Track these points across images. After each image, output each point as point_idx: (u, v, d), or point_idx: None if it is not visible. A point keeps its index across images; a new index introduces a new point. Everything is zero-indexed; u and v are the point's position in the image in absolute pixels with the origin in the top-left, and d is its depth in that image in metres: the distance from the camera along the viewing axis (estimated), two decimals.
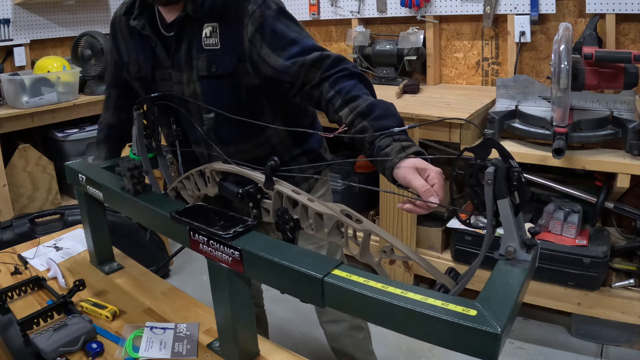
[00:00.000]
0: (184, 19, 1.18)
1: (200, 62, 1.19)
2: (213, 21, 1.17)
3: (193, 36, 1.20)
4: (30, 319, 1.07)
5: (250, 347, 0.99)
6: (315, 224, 0.86)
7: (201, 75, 1.20)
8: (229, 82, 1.20)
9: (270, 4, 1.16)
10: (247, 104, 1.23)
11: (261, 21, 1.14)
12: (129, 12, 1.27)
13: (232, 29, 1.17)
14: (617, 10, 2.10)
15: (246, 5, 1.15)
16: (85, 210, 1.28)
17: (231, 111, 1.09)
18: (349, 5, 2.88)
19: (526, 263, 0.71)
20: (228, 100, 1.21)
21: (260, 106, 1.26)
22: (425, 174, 0.88)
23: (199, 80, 1.21)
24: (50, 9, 3.12)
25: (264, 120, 1.26)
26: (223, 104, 1.17)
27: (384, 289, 0.69)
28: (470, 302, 0.65)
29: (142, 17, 1.24)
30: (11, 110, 2.54)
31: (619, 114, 1.92)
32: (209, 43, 1.18)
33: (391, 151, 0.93)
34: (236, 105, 1.21)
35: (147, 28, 1.23)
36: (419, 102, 2.33)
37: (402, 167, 0.90)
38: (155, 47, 1.25)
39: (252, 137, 1.28)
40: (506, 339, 0.62)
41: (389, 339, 2.13)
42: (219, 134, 1.26)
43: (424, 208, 0.86)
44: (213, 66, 1.18)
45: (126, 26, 1.30)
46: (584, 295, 1.96)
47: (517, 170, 0.69)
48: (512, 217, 0.70)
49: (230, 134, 1.27)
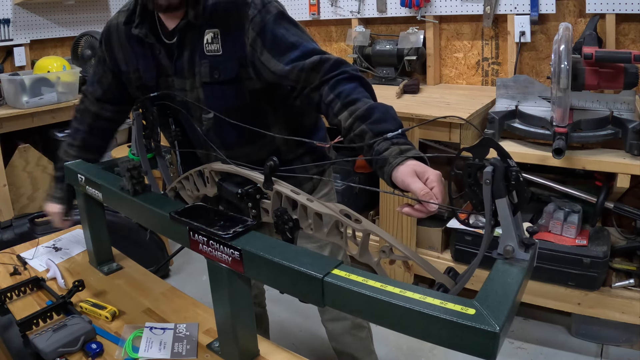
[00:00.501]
0: (185, 26, 1.18)
1: (203, 68, 1.19)
2: (214, 27, 1.17)
3: (195, 43, 1.20)
4: (30, 320, 1.07)
5: (250, 347, 0.99)
6: (315, 224, 0.86)
7: (204, 82, 1.20)
8: (232, 87, 1.20)
9: (270, 9, 1.16)
10: (250, 108, 1.23)
11: (262, 26, 1.14)
12: (129, 21, 1.26)
13: (234, 34, 1.17)
14: (617, 10, 2.10)
15: (246, 10, 1.15)
16: (85, 210, 1.28)
17: (234, 115, 1.08)
18: (349, 5, 2.88)
19: (524, 262, 0.71)
20: (231, 104, 1.21)
21: (263, 109, 1.26)
22: (424, 178, 0.87)
23: (202, 86, 1.21)
24: (50, 9, 3.13)
25: (267, 122, 1.26)
26: (226, 108, 1.17)
27: (383, 288, 0.69)
28: (468, 301, 0.65)
29: (144, 26, 1.23)
30: (11, 110, 2.54)
31: (619, 114, 1.92)
32: (211, 49, 1.18)
33: (390, 154, 0.92)
34: (239, 109, 1.21)
35: (150, 36, 1.23)
36: (419, 102, 2.33)
37: (400, 170, 0.89)
38: (159, 54, 1.24)
39: (256, 140, 1.28)
40: (505, 338, 0.62)
41: (389, 339, 2.13)
42: (222, 138, 1.26)
43: (423, 212, 0.85)
44: (216, 72, 1.18)
45: (125, 35, 1.28)
46: (584, 295, 1.96)
47: (515, 169, 0.69)
48: (511, 216, 0.70)
49: (234, 137, 1.27)
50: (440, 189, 0.85)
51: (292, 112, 1.31)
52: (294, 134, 1.31)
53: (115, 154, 2.82)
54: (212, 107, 1.18)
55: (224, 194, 0.99)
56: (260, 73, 1.17)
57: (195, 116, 1.25)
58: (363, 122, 1.00)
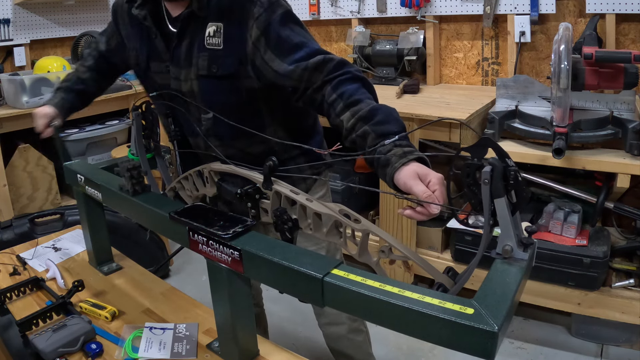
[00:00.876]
0: (188, 15, 1.18)
1: (201, 60, 1.19)
2: (218, 21, 1.17)
3: (196, 34, 1.19)
4: (30, 320, 1.07)
5: (250, 347, 0.99)
6: (314, 224, 0.86)
7: (201, 74, 1.20)
8: (228, 83, 1.20)
9: (276, 9, 1.15)
10: (246, 105, 1.23)
11: (266, 25, 1.13)
12: (132, 0, 1.27)
13: (237, 30, 1.16)
14: (617, 10, 2.10)
15: (252, 7, 1.14)
16: (84, 210, 1.28)
17: (229, 110, 1.09)
18: (349, 5, 2.88)
19: (523, 262, 0.72)
20: (226, 99, 1.21)
21: (259, 109, 1.26)
22: (427, 180, 0.86)
23: (197, 78, 1.20)
24: (50, 9, 3.13)
25: (262, 121, 1.26)
26: (221, 103, 1.17)
27: (381, 287, 0.69)
28: (467, 301, 0.65)
29: (145, 7, 1.23)
30: (11, 110, 2.54)
31: (619, 114, 1.92)
32: (212, 42, 1.17)
33: (392, 156, 0.91)
34: (234, 105, 1.21)
35: (148, 19, 1.23)
36: (419, 102, 2.33)
37: (403, 172, 0.88)
38: (155, 39, 1.24)
39: (250, 136, 1.28)
40: (503, 338, 0.62)
41: (389, 339, 2.13)
42: (216, 131, 1.25)
43: (425, 214, 0.85)
44: (214, 66, 1.18)
45: (127, 14, 1.30)
46: (584, 295, 1.96)
47: (513, 169, 0.69)
48: (509, 216, 0.70)
49: (228, 131, 1.25)
50: (442, 192, 0.85)
51: (289, 113, 1.30)
52: (291, 135, 1.31)
53: (115, 154, 2.82)
54: (206, 101, 1.19)
55: (224, 194, 0.99)
56: (260, 72, 1.17)
57: (194, 115, 1.25)
58: (366, 123, 0.99)
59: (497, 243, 0.73)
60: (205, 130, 1.24)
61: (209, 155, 1.16)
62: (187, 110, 1.22)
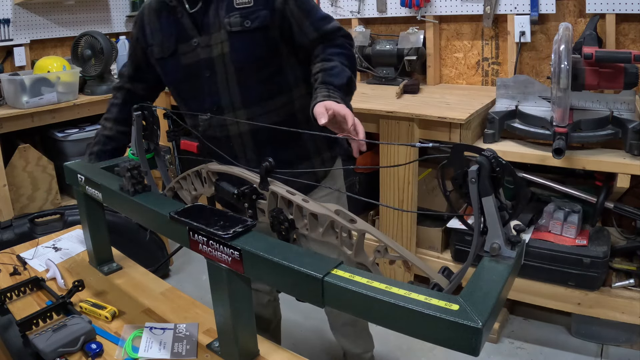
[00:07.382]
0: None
1: (233, 19, 1.27)
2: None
3: None
4: (30, 320, 1.07)
5: (250, 347, 0.99)
6: (310, 224, 0.86)
7: (233, 31, 1.27)
8: (261, 35, 1.28)
9: None
10: (273, 60, 1.33)
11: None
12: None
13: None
14: (617, 10, 2.10)
15: None
16: (85, 210, 1.28)
17: (257, 68, 1.28)
18: (349, 5, 2.88)
19: (510, 260, 0.72)
20: (257, 53, 1.30)
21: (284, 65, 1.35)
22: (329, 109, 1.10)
23: (228, 39, 1.28)
24: (50, 9, 3.13)
25: (287, 80, 1.37)
26: (251, 57, 1.29)
27: (369, 284, 0.70)
28: (453, 297, 0.66)
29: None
30: (11, 110, 2.54)
31: (619, 114, 1.92)
32: (241, 2, 1.27)
33: (317, 95, 1.17)
34: (264, 59, 1.31)
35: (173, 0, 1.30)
36: (419, 102, 2.33)
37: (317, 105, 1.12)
38: (181, 18, 1.31)
39: (275, 96, 1.36)
40: (488, 334, 0.63)
41: (389, 339, 2.12)
42: (244, 94, 1.32)
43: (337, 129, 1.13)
44: (247, 21, 1.26)
45: (154, 10, 1.37)
46: (584, 295, 1.96)
47: (493, 156, 0.70)
48: (497, 214, 0.71)
49: (255, 91, 1.33)
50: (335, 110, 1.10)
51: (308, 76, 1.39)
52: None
53: None
54: (236, 59, 1.29)
55: (221, 194, 0.99)
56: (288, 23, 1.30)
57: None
58: (324, 72, 1.23)
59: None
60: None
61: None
62: (210, 84, 1.31)
